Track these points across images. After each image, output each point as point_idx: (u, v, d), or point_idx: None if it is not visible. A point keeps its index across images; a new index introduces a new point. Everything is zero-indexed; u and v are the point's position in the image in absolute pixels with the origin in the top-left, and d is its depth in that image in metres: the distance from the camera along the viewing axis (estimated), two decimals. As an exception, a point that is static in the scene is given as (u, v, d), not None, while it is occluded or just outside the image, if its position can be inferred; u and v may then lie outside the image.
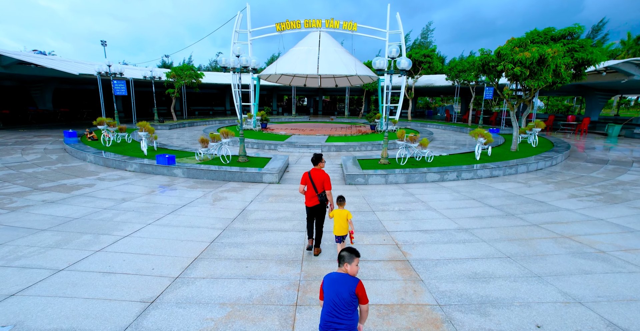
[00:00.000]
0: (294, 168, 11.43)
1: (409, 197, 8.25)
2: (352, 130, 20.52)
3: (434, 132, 21.73)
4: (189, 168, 9.78)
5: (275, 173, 9.45)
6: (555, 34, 13.74)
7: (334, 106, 54.40)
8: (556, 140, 16.55)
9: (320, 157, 5.25)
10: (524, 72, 11.14)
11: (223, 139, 10.93)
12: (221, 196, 8.14)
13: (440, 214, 6.93)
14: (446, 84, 27.87)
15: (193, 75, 23.53)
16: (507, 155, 12.42)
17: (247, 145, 15.98)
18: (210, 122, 27.80)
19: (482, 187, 9.07)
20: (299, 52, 19.79)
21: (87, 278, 4.17)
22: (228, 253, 5.08)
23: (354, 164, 10.53)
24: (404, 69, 9.94)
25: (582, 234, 5.68)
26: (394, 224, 6.39)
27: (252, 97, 22.13)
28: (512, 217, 6.65)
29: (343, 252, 2.45)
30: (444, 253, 5.10)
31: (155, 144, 12.86)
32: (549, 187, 8.90)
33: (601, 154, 14.15)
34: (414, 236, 5.81)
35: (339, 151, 15.17)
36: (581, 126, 21.37)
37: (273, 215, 6.89)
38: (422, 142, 11.09)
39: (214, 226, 6.17)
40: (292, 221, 6.53)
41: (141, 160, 10.56)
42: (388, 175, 9.43)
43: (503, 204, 7.52)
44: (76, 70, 18.15)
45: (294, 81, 26.58)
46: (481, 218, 6.63)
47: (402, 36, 20.03)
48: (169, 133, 21.01)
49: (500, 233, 5.82)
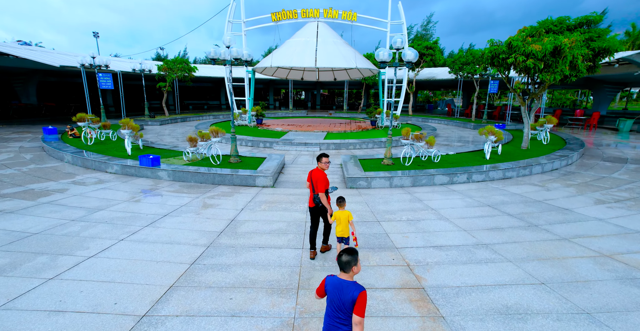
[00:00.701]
0: (290, 169, 10.60)
1: (417, 203, 7.45)
2: (352, 126, 19.65)
3: (436, 128, 20.88)
4: (174, 171, 8.93)
5: (269, 176, 8.63)
6: (571, 23, 12.83)
7: (333, 100, 53.33)
8: (567, 136, 15.75)
9: (320, 156, 4.81)
10: (537, 64, 10.27)
11: (213, 138, 10.06)
12: (209, 203, 7.31)
13: (454, 225, 6.14)
14: (449, 77, 26.94)
15: (186, 69, 22.47)
16: (518, 153, 11.62)
17: (240, 143, 15.11)
18: (204, 117, 26.81)
19: (496, 191, 8.28)
20: (296, 44, 18.79)
21: (25, 322, 3.35)
22: (210, 279, 4.28)
23: (355, 165, 9.70)
24: (410, 61, 9.06)
25: (624, 252, 4.91)
26: (403, 238, 5.61)
27: (246, 92, 21.16)
28: (536, 229, 5.87)
29: (345, 257, 2.36)
30: (465, 278, 4.31)
31: (141, 142, 11.96)
32: (570, 191, 8.12)
33: (617, 152, 13.38)
34: (428, 254, 5.02)
35: (339, 149, 14.33)
36: (590, 121, 20.56)
37: (266, 226, 6.08)
38: (429, 141, 10.26)
39: (197, 242, 5.36)
40: (286, 235, 5.73)
41: (123, 161, 9.69)
42: (393, 178, 8.62)
43: (523, 212, 6.74)
44: (57, 61, 17.10)
45: (291, 74, 25.58)
46: (501, 230, 5.85)
47: (404, 27, 19.04)
48: (160, 130, 20.06)
49: (526, 250, 5.04)
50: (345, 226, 4.52)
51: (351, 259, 2.35)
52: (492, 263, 4.71)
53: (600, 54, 12.25)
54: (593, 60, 12.68)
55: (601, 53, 12.20)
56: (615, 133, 19.64)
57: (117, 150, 11.42)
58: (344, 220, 4.49)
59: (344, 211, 4.52)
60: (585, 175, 9.64)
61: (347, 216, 4.48)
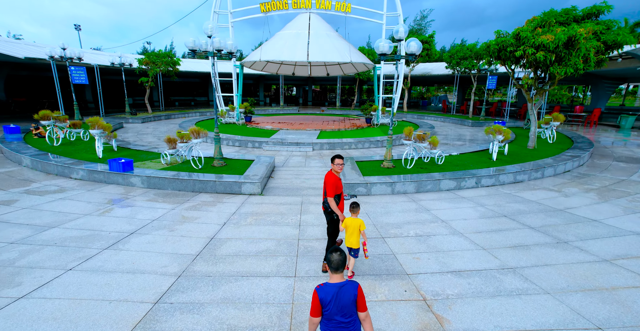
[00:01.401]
0: (281, 173, 9.63)
1: (424, 213, 6.58)
2: (346, 124, 18.72)
3: (434, 126, 20.10)
4: (149, 177, 7.88)
5: (257, 182, 7.65)
6: (578, 14, 12.03)
7: (325, 96, 52.24)
8: (572, 134, 15.10)
9: (333, 158, 4.28)
10: (549, 57, 9.46)
11: (194, 139, 9.01)
12: (186, 216, 6.31)
13: (470, 242, 5.28)
14: (444, 73, 26.16)
15: (169, 62, 21.12)
16: (525, 154, 10.85)
17: (227, 143, 14.05)
18: (190, 114, 25.53)
19: (509, 197, 7.47)
20: (287, 36, 17.70)
21: None
22: (177, 326, 3.33)
23: (353, 168, 8.78)
24: (414, 53, 8.14)
25: (683, 280, 4.10)
26: (414, 260, 4.72)
27: (234, 87, 20.00)
28: (567, 246, 5.05)
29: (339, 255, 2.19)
30: (497, 318, 3.45)
31: (115, 143, 10.79)
32: (591, 197, 7.34)
33: (627, 151, 12.75)
34: (446, 282, 4.14)
35: (333, 149, 13.39)
36: (591, 117, 20.03)
37: (251, 246, 5.13)
38: (432, 141, 9.39)
39: (166, 269, 4.38)
40: (275, 258, 4.79)
41: (91, 165, 8.58)
42: (395, 184, 7.73)
43: (545, 224, 5.92)
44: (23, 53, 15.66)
45: (282, 69, 24.45)
46: (526, 249, 5.00)
47: (400, 19, 18.10)
48: (141, 128, 18.78)
49: (564, 277, 4.20)
50: (356, 236, 4.06)
51: (345, 256, 2.23)
52: (526, 295, 3.85)
53: (611, 47, 11.52)
54: (603, 54, 11.96)
55: (612, 46, 11.48)
56: (616, 130, 19.16)
57: (86, 152, 10.25)
58: (355, 229, 4.04)
59: (355, 219, 4.07)
60: (602, 178, 8.90)
61: (358, 225, 4.03)
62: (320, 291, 2.14)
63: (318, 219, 6.26)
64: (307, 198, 7.46)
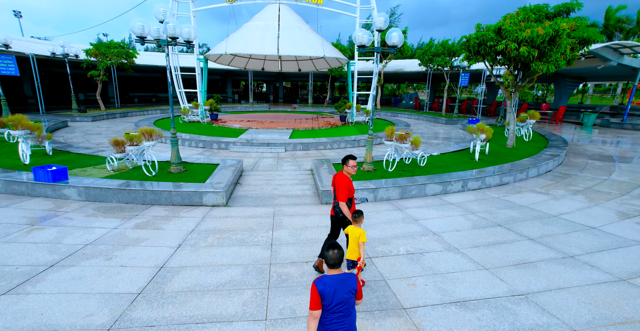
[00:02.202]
0: (250, 178, 8.57)
1: (412, 224, 5.86)
2: (320, 122, 17.86)
3: (409, 124, 19.75)
4: (88, 187, 6.54)
5: (221, 191, 6.57)
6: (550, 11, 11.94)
7: (296, 93, 51.04)
8: (544, 132, 15.20)
9: (347, 159, 3.99)
10: (532, 52, 9.12)
11: (145, 142, 7.72)
12: (131, 237, 5.14)
13: (469, 259, 4.60)
14: (417, 69, 26.01)
15: (123, 54, 19.05)
16: (506, 153, 10.54)
17: (190, 143, 12.70)
18: (150, 112, 23.47)
19: (499, 202, 6.95)
20: (255, 28, 16.44)
21: None
22: None
23: (330, 172, 7.92)
24: (395, 45, 7.38)
25: None
26: (409, 288, 3.94)
27: (198, 83, 18.45)
28: (576, 262, 4.50)
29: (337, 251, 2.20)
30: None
31: (49, 146, 9.14)
32: (580, 200, 6.99)
33: (597, 148, 12.92)
34: (451, 318, 3.40)
35: (307, 150, 12.47)
36: (557, 115, 20.60)
37: (211, 277, 4.12)
38: (414, 141, 8.75)
39: (90, 321, 3.28)
40: (242, 292, 3.82)
41: (10, 174, 7.05)
42: (378, 190, 6.96)
43: (544, 234, 5.40)
44: None
45: (250, 64, 23.08)
46: (532, 267, 4.39)
47: (374, 12, 17.43)
48: (91, 127, 16.74)
49: (585, 305, 3.59)
50: (355, 247, 3.60)
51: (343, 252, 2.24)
52: (548, 333, 3.17)
53: (580, 44, 11.52)
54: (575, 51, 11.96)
55: (582, 43, 11.47)
56: (579, 127, 19.82)
57: (9, 157, 8.56)
58: (355, 239, 3.59)
59: (357, 228, 3.64)
60: (584, 178, 8.69)
61: (358, 235, 3.59)
62: (319, 283, 2.14)
63: (293, 235, 5.34)
64: (280, 209, 6.51)
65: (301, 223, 5.82)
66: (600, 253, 4.71)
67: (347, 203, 3.92)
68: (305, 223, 5.81)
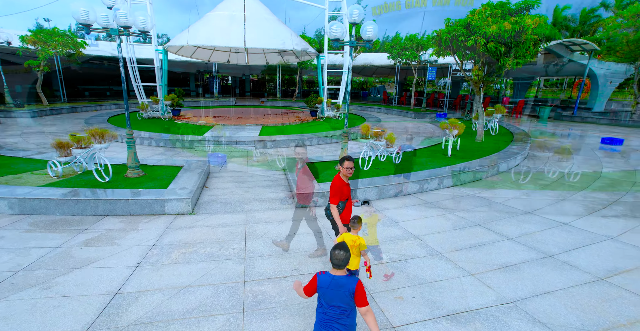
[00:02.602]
0: (218, 181, 7.97)
1: (393, 227, 5.66)
2: (290, 118, 17.32)
3: (380, 118, 19.76)
4: (21, 198, 5.64)
5: (186, 197, 5.97)
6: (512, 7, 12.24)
7: (264, 87, 49.65)
8: (508, 125, 15.81)
9: (342, 160, 3.77)
10: (499, 48, 9.24)
11: (96, 144, 6.85)
12: (78, 258, 4.45)
13: (454, 265, 4.46)
14: (386, 63, 26.10)
15: (69, 43, 17.14)
16: (477, 148, 10.72)
17: (149, 143, 11.70)
18: (104, 107, 21.54)
19: (475, 200, 6.96)
20: (219, 18, 15.42)
21: None
22: None
23: (305, 173, 7.51)
24: (370, 40, 7.06)
25: (690, 302, 3.72)
26: (396, 301, 3.70)
27: (157, 76, 17.12)
28: (555, 262, 4.50)
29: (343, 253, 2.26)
30: None
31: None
32: (553, 197, 7.15)
33: (555, 142, 13.60)
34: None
35: (278, 148, 11.96)
36: (517, 108, 21.62)
37: (176, 302, 3.62)
38: (389, 138, 8.58)
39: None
40: (213, 319, 3.38)
41: None
42: (355, 191, 6.69)
43: (523, 233, 5.41)
44: None
45: (215, 56, 21.85)
46: (516, 270, 4.33)
47: (343, 4, 17.03)
48: (30, 124, 14.93)
49: (572, 310, 3.53)
50: (354, 256, 3.30)
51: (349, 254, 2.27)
52: (541, 345, 3.06)
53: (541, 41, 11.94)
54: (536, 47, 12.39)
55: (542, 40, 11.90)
56: (536, 119, 20.93)
57: None
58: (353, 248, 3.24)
59: (353, 236, 3.36)
60: (549, 172, 9.02)
61: (357, 244, 3.30)
62: (320, 276, 2.28)
63: (269, 246, 4.93)
64: (252, 215, 6.04)
65: (276, 231, 5.41)
66: (575, 251, 4.76)
67: (340, 206, 3.79)
68: (280, 231, 5.40)
